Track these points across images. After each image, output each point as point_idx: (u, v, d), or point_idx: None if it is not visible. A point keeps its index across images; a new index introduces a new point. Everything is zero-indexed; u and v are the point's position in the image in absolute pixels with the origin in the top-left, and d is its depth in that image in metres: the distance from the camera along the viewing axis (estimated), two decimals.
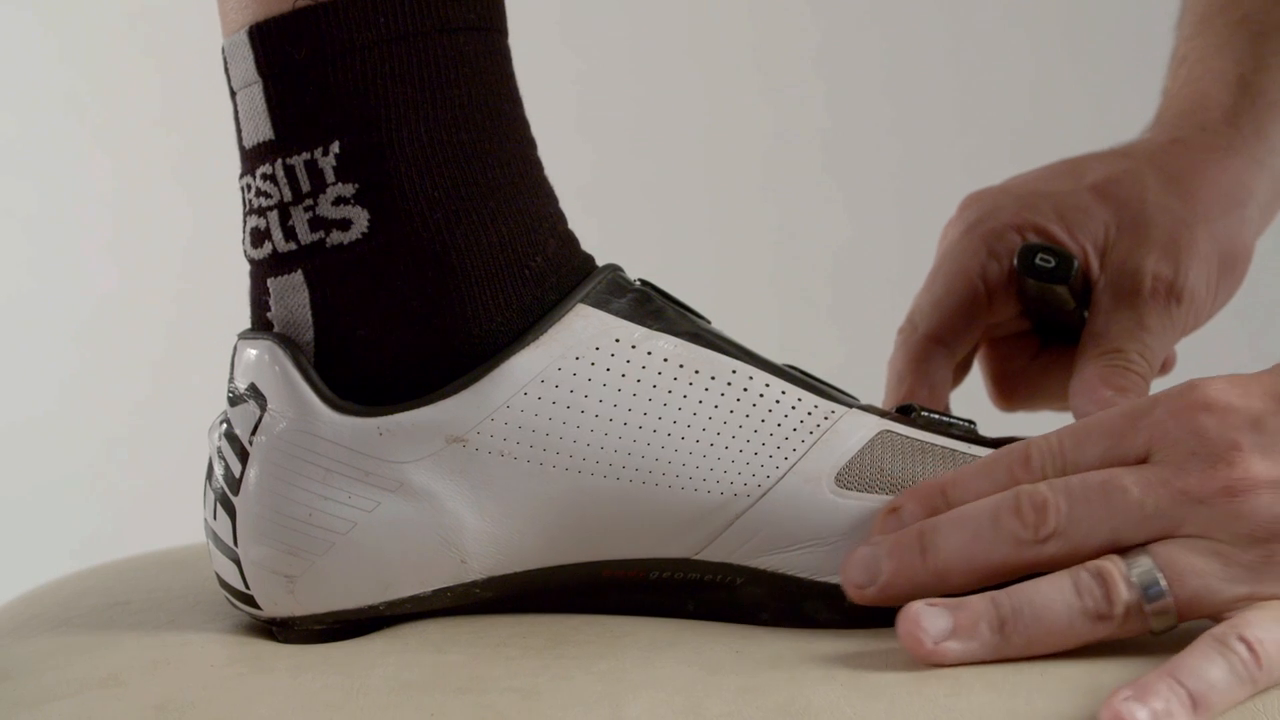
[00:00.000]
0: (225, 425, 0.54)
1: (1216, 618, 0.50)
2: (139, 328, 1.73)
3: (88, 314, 1.73)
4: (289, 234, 0.54)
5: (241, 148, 0.55)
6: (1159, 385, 0.68)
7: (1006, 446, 0.55)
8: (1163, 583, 0.50)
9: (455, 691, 0.49)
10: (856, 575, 0.53)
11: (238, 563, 0.54)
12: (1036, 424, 0.64)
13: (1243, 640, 0.48)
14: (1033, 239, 0.73)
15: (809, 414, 0.55)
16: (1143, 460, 0.52)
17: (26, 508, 1.70)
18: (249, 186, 0.55)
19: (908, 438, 0.56)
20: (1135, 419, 0.52)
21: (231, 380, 0.55)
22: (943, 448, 0.56)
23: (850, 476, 0.55)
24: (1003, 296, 0.75)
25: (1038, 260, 0.71)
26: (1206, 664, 0.48)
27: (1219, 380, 0.52)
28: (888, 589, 0.53)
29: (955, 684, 0.49)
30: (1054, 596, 0.50)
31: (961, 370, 0.78)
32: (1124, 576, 0.50)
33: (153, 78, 1.72)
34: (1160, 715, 0.46)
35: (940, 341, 0.74)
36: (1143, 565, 0.50)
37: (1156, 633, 0.50)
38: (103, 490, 1.72)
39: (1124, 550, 0.51)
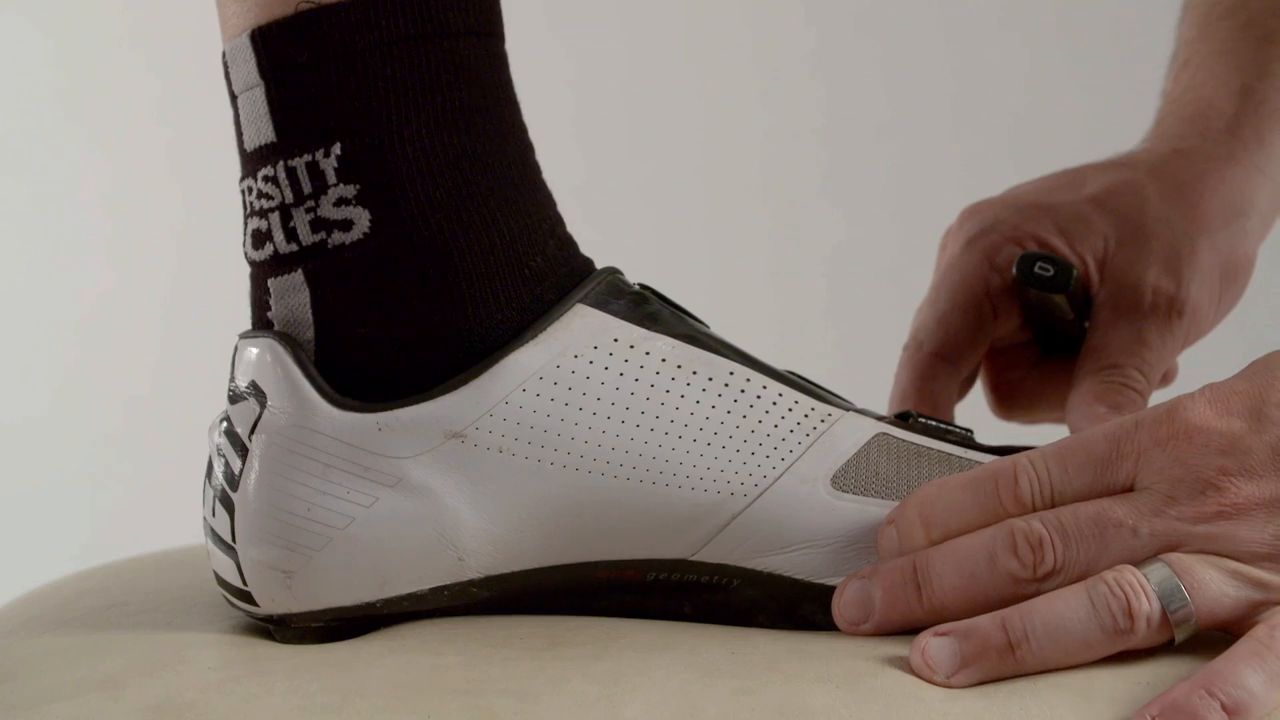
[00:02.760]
0: (225, 423, 0.55)
1: (1229, 628, 0.50)
2: (136, 327, 1.73)
3: (85, 313, 1.73)
4: (290, 235, 0.54)
5: (242, 151, 0.55)
6: (1159, 396, 0.68)
7: (991, 463, 0.55)
8: (1184, 591, 0.49)
9: (452, 694, 0.49)
10: (850, 613, 0.53)
11: (236, 559, 0.54)
12: (1035, 433, 0.64)
13: None
14: (1033, 250, 0.73)
15: (806, 416, 0.55)
16: (1129, 487, 0.52)
17: (25, 507, 1.70)
18: (250, 189, 0.55)
19: (904, 441, 0.56)
20: (1118, 443, 0.52)
21: (232, 379, 0.55)
22: (939, 452, 0.56)
23: (846, 479, 0.55)
24: (1006, 309, 0.74)
25: (1036, 269, 0.71)
26: (1245, 670, 0.48)
27: (1200, 400, 0.52)
28: (883, 626, 0.53)
29: (950, 690, 0.49)
30: (1069, 615, 0.50)
31: (966, 385, 0.78)
32: (1143, 587, 0.50)
33: (150, 78, 1.72)
34: None
35: (946, 359, 0.74)
36: (1161, 573, 0.50)
37: (1177, 644, 0.50)
38: (102, 490, 1.72)
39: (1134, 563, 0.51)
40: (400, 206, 0.54)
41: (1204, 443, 0.51)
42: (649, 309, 0.56)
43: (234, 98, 0.55)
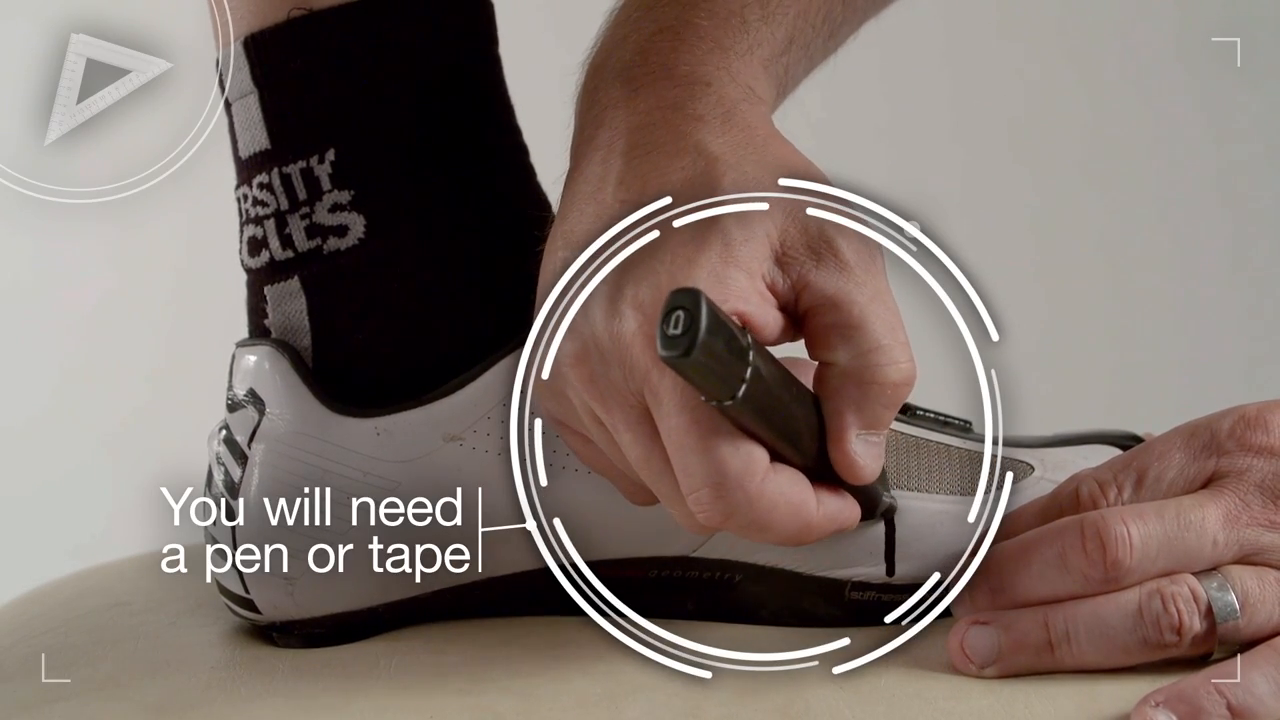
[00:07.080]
0: (224, 431, 0.55)
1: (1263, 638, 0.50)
2: (134, 336, 1.73)
3: (82, 320, 1.73)
4: (286, 242, 0.54)
5: (237, 158, 0.55)
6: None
7: (1060, 502, 0.53)
8: (1240, 615, 0.49)
9: (454, 693, 0.49)
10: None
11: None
12: (1035, 423, 0.63)
13: None
14: None
15: None
16: (1205, 486, 0.51)
17: (26, 508, 1.70)
18: (245, 196, 0.55)
19: (903, 433, 0.56)
20: (1199, 439, 0.52)
21: (230, 387, 0.55)
22: (938, 444, 0.56)
23: None
24: None
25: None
26: (1258, 676, 0.47)
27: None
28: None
29: (954, 687, 0.49)
30: (1115, 624, 0.49)
31: None
32: (1198, 606, 0.49)
33: None
34: None
35: None
36: (1222, 594, 0.49)
37: (1214, 659, 0.49)
38: (102, 490, 1.72)
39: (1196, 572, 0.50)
40: (394, 211, 0.54)
41: None
42: None
43: (228, 105, 0.55)
